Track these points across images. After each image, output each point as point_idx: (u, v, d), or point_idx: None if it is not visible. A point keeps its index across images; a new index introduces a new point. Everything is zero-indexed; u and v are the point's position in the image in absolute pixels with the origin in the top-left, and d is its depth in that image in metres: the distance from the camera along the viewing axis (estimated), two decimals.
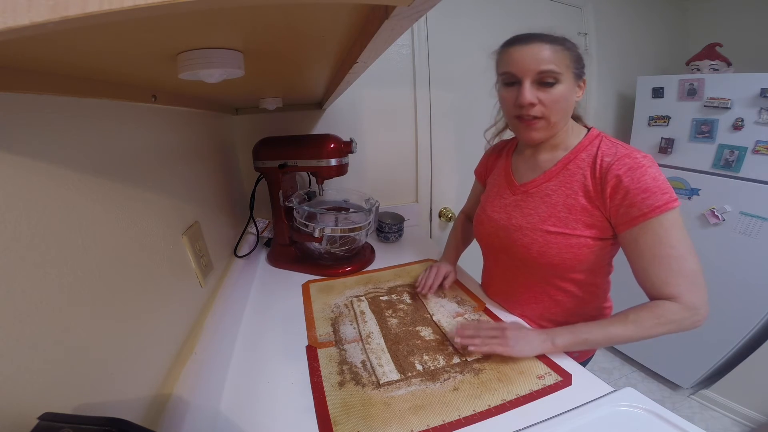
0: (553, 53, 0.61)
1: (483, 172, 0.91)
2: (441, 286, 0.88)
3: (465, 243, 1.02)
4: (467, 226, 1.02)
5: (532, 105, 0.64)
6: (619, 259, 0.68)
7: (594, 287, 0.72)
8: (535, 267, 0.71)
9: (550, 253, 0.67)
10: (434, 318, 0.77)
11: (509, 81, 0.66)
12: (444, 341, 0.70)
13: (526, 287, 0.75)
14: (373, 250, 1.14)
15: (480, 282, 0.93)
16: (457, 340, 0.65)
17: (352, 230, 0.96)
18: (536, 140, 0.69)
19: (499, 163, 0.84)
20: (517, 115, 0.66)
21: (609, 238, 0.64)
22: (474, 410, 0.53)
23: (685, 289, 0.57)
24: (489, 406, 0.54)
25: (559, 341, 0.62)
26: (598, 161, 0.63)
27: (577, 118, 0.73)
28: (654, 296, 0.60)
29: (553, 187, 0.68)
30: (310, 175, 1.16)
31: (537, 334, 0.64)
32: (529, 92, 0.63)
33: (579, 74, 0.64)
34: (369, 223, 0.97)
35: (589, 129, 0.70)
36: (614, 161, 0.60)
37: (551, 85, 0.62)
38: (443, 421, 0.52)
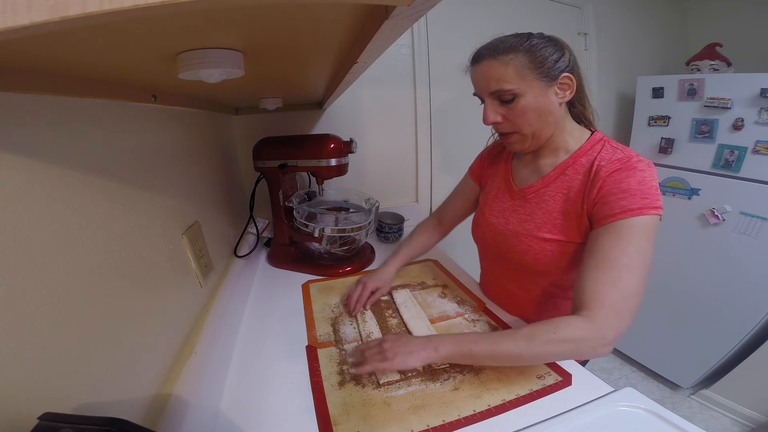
0: (502, 69, 0.58)
1: (478, 171, 0.87)
2: (369, 300, 0.81)
3: (420, 249, 0.95)
4: (430, 233, 0.96)
5: (497, 123, 0.64)
6: None
7: None
8: (532, 273, 0.70)
9: (544, 260, 0.66)
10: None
11: (480, 99, 0.66)
12: None
13: (524, 291, 0.75)
14: (373, 250, 1.14)
15: (478, 282, 0.93)
16: (352, 370, 0.60)
17: (352, 230, 0.96)
18: (520, 151, 0.69)
19: (498, 164, 0.82)
20: (493, 131, 0.67)
21: None
22: (474, 410, 0.53)
23: (607, 303, 0.50)
24: (489, 406, 0.54)
25: (442, 350, 0.56)
26: (595, 165, 0.60)
27: (581, 121, 0.69)
28: (577, 306, 0.54)
29: (550, 192, 0.66)
30: (310, 175, 1.16)
31: (419, 342, 0.58)
32: (490, 112, 0.63)
33: (550, 75, 0.58)
34: (369, 223, 0.97)
35: (593, 132, 0.67)
36: (607, 163, 0.58)
37: (511, 101, 0.60)
38: (443, 421, 0.52)
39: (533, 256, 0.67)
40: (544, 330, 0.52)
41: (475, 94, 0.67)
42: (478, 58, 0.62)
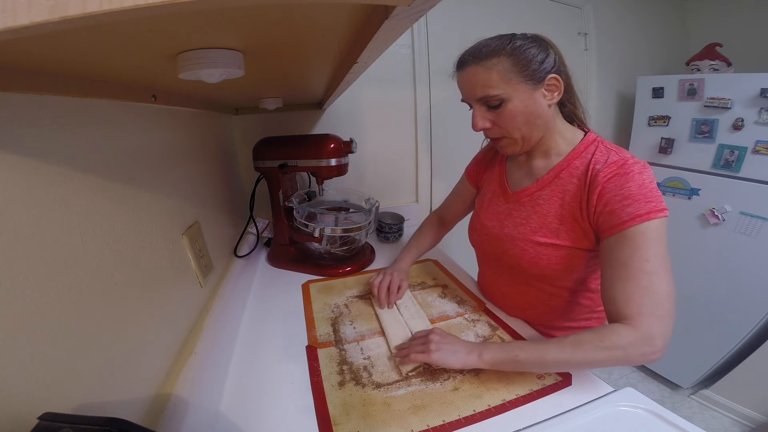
0: (487, 74, 0.58)
1: (474, 173, 0.87)
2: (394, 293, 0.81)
3: (428, 247, 0.98)
4: (436, 230, 0.99)
5: (486, 129, 0.64)
6: None
7: (589, 293, 0.70)
8: (527, 276, 0.69)
9: (540, 265, 0.65)
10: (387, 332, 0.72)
11: (468, 105, 0.66)
12: None
13: (520, 293, 0.74)
14: (373, 250, 1.14)
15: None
16: (398, 360, 0.63)
17: (352, 230, 0.96)
18: (512, 154, 0.68)
19: (493, 167, 0.81)
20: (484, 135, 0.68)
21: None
22: (474, 410, 0.53)
23: (646, 311, 0.50)
24: (489, 406, 0.54)
25: (486, 356, 0.57)
26: (590, 169, 0.59)
27: (573, 120, 0.68)
28: (613, 318, 0.53)
29: (545, 196, 0.66)
30: (310, 175, 1.16)
31: (465, 345, 0.60)
32: (479, 119, 0.63)
33: (536, 78, 0.57)
34: (369, 223, 0.97)
35: (586, 133, 0.65)
36: (603, 167, 0.57)
37: (498, 106, 0.60)
38: (443, 421, 0.52)
39: (528, 260, 0.66)
40: (589, 338, 0.52)
41: (462, 101, 0.67)
42: (462, 64, 0.62)
